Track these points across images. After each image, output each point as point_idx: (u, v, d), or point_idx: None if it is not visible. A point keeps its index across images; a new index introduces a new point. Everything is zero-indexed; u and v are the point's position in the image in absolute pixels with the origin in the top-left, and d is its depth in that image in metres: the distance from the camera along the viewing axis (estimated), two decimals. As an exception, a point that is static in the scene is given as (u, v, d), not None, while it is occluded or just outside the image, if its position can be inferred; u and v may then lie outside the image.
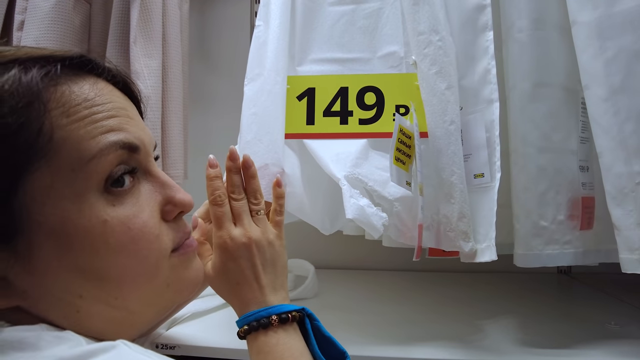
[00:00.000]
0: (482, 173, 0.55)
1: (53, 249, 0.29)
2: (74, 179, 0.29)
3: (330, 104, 0.59)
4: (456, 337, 0.58)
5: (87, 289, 0.31)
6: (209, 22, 1.08)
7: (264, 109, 0.56)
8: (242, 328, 0.41)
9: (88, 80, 0.32)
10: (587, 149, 0.58)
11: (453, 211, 0.52)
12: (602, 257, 0.59)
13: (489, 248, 0.52)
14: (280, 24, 0.59)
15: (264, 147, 0.53)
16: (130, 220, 0.32)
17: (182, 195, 0.36)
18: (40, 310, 0.30)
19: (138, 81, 0.79)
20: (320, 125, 0.59)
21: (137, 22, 0.80)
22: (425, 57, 0.54)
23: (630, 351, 0.53)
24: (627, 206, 0.48)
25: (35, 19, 0.79)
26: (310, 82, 0.60)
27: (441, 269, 0.95)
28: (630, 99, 0.48)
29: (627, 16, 0.49)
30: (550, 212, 0.55)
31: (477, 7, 0.56)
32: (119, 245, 0.31)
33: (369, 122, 0.58)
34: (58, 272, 0.30)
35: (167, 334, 0.59)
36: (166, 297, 0.36)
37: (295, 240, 1.06)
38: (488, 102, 0.55)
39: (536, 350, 0.54)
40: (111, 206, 0.31)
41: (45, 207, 0.29)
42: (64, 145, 0.29)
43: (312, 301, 0.76)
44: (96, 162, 0.30)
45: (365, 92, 0.59)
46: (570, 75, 0.56)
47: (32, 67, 0.30)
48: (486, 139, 0.54)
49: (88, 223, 0.30)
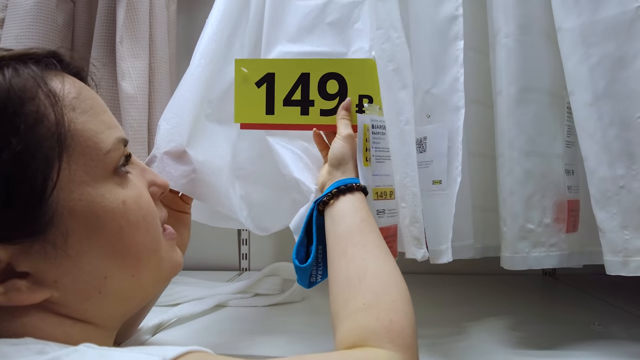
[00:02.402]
0: (439, 180, 0.56)
1: (85, 233, 0.31)
2: (93, 167, 0.32)
3: (291, 92, 0.56)
4: (442, 339, 0.59)
5: (111, 269, 0.33)
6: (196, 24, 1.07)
7: (183, 91, 0.56)
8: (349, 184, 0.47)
9: (64, 76, 0.34)
10: (573, 152, 0.59)
11: (405, 215, 0.52)
12: (587, 259, 0.60)
13: (447, 250, 0.53)
14: (224, 10, 0.59)
15: (169, 128, 0.53)
16: (139, 200, 0.35)
17: (161, 178, 0.41)
18: (67, 297, 0.31)
19: (124, 81, 0.78)
20: (280, 115, 0.56)
21: (124, 22, 0.78)
22: (384, 53, 0.53)
23: (614, 352, 0.54)
24: (611, 209, 0.49)
25: (16, 17, 0.78)
26: (269, 66, 0.57)
27: (425, 271, 0.95)
28: (614, 105, 0.49)
29: (610, 23, 0.50)
30: (536, 215, 0.55)
31: (449, 18, 0.57)
32: (136, 222, 0.34)
33: (330, 113, 0.55)
34: (89, 255, 0.32)
35: (152, 340, 0.58)
36: (162, 273, 0.38)
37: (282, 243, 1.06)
38: (455, 110, 0.56)
39: (522, 351, 0.55)
40: (122, 189, 0.34)
41: (73, 194, 0.31)
42: (81, 136, 0.32)
43: (299, 305, 0.76)
44: (111, 155, 0.33)
45: (328, 79, 0.55)
46: (556, 80, 0.57)
47: (27, 62, 0.31)
48: (448, 148, 0.55)
49: (112, 204, 0.33)
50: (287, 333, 0.62)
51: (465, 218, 0.61)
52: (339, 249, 0.43)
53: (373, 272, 0.40)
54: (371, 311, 0.37)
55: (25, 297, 0.30)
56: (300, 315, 0.71)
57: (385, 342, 0.35)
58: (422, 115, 0.58)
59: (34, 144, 0.29)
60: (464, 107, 0.55)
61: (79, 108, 0.32)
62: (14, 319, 0.30)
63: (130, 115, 0.78)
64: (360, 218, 0.44)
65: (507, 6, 0.57)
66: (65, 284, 0.31)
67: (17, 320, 0.30)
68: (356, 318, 0.37)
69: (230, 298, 0.75)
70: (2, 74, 0.30)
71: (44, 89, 0.31)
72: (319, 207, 0.47)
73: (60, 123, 0.30)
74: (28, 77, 0.30)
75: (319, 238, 0.47)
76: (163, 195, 0.41)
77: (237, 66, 0.57)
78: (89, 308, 0.33)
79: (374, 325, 0.36)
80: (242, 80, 0.57)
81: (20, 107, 0.29)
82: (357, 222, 0.44)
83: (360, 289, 0.39)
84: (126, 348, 0.29)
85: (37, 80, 0.31)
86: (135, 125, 0.79)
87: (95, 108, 0.34)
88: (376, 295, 0.38)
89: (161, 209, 0.41)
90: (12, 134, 0.28)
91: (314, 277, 0.48)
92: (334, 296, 0.41)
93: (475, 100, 0.62)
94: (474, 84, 0.61)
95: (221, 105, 0.60)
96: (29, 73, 0.31)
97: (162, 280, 0.40)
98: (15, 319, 0.30)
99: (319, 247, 0.47)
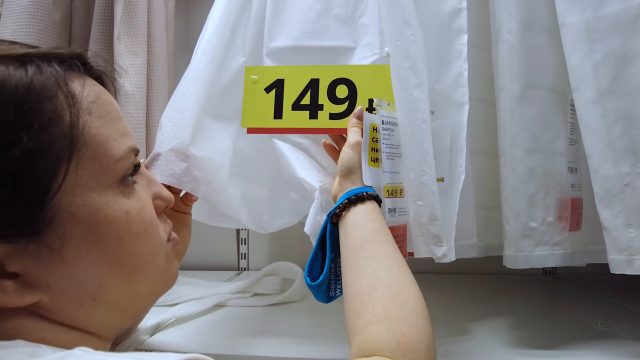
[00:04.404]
0: (442, 178, 0.55)
1: (84, 239, 0.31)
2: (101, 174, 0.32)
3: (300, 96, 0.56)
4: (442, 338, 0.58)
5: (108, 277, 0.32)
6: (194, 21, 1.07)
7: (185, 88, 0.55)
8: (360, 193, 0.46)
9: (85, 78, 0.33)
10: (576, 150, 0.59)
11: (422, 214, 0.51)
12: (590, 258, 0.60)
13: (450, 249, 0.52)
14: (226, 5, 0.59)
15: (172, 125, 0.52)
16: (142, 211, 0.35)
17: (167, 192, 0.40)
18: (59, 303, 0.31)
19: (122, 78, 0.77)
20: (288, 119, 0.56)
21: (121, 18, 0.78)
22: (398, 50, 0.53)
23: (618, 351, 0.53)
24: (616, 207, 0.49)
25: (12, 13, 0.77)
26: (279, 73, 0.57)
27: (424, 270, 0.95)
28: (618, 101, 0.49)
29: (614, 19, 0.49)
30: (539, 214, 0.55)
31: (453, 11, 0.56)
32: (137, 233, 0.34)
33: (339, 116, 0.55)
34: (85, 261, 0.31)
35: (150, 340, 0.57)
36: (158, 285, 0.38)
37: (281, 242, 1.05)
38: (459, 106, 0.55)
39: (524, 351, 0.54)
40: (127, 199, 0.34)
41: (77, 198, 0.30)
42: (93, 141, 0.31)
43: (300, 304, 0.75)
44: (122, 163, 0.33)
45: (337, 84, 0.56)
46: (559, 77, 0.57)
47: (51, 61, 0.31)
48: (450, 144, 0.54)
49: (115, 213, 0.32)
50: (286, 333, 0.61)
51: (469, 216, 0.60)
52: (351, 262, 0.42)
53: (385, 284, 0.39)
54: (381, 323, 0.36)
55: (11, 299, 0.29)
56: (300, 315, 0.71)
57: (397, 355, 0.33)
58: None
59: (45, 143, 0.28)
60: (468, 103, 0.54)
61: (96, 112, 0.32)
62: (3, 321, 0.29)
63: (128, 112, 0.78)
64: (373, 228, 0.43)
65: (510, 2, 0.56)
66: (58, 289, 0.30)
67: (6, 322, 0.29)
68: (366, 331, 0.36)
69: (229, 298, 0.74)
70: (25, 70, 0.29)
71: (63, 90, 0.30)
72: (332, 220, 0.47)
73: (74, 125, 0.30)
74: (50, 76, 0.30)
75: (334, 251, 0.47)
76: (167, 209, 0.41)
77: (246, 73, 0.58)
78: (82, 316, 0.32)
79: (384, 336, 0.35)
80: (251, 87, 0.57)
81: (37, 105, 0.29)
82: (370, 232, 0.43)
83: (371, 302, 0.38)
84: (124, 354, 0.28)
85: (58, 80, 0.31)
86: (133, 123, 0.78)
87: (112, 114, 0.34)
88: (387, 308, 0.37)
89: (166, 222, 0.40)
90: (25, 131, 0.28)
91: (332, 292, 0.48)
92: (347, 311, 0.40)
93: (477, 98, 0.61)
94: (475, 81, 0.60)
95: (221, 101, 0.60)
96: (51, 72, 0.30)
97: (157, 292, 0.39)
98: (4, 321, 0.29)
99: (337, 260, 0.47)
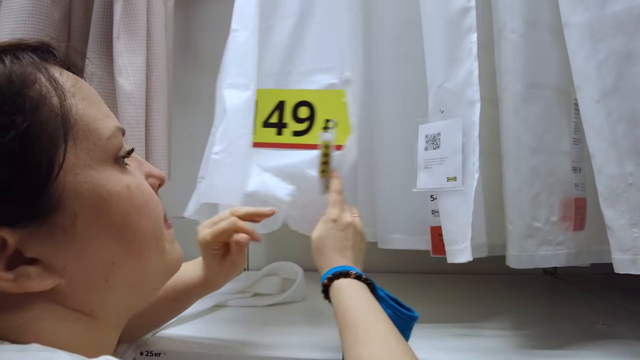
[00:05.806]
0: (454, 177, 0.55)
1: (92, 216, 0.31)
2: (96, 152, 0.32)
3: (269, 116, 0.66)
4: (442, 338, 0.58)
5: (119, 255, 0.33)
6: (194, 21, 1.06)
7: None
8: (330, 275, 0.50)
9: (59, 65, 0.34)
10: (580, 150, 0.59)
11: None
12: (594, 258, 0.60)
13: (466, 249, 0.52)
14: (252, 34, 0.63)
15: None
16: (141, 186, 0.35)
17: (157, 170, 0.41)
18: (74, 286, 0.31)
19: (121, 77, 0.76)
20: (259, 135, 0.65)
21: (121, 17, 0.77)
22: None
23: (620, 351, 0.53)
24: (620, 207, 0.49)
25: (10, 11, 0.76)
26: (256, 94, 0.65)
27: (427, 270, 0.95)
28: (622, 101, 0.49)
29: (618, 18, 0.49)
30: (543, 213, 0.55)
31: (461, 10, 0.56)
32: (140, 207, 0.34)
33: (301, 134, 0.64)
34: (96, 239, 0.32)
35: (152, 340, 0.56)
36: (165, 262, 0.38)
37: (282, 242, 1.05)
38: (470, 104, 0.55)
39: (526, 351, 0.54)
40: (124, 175, 0.34)
41: (78, 177, 0.31)
42: (82, 121, 0.32)
43: (299, 305, 0.75)
44: (112, 141, 0.33)
45: (300, 106, 0.65)
46: (563, 76, 0.57)
47: (25, 50, 0.31)
48: (462, 143, 0.54)
49: (116, 188, 0.33)
50: (287, 333, 0.61)
51: (479, 216, 0.60)
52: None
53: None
54: None
55: (35, 284, 0.29)
56: (300, 315, 0.70)
57: None
58: (435, 110, 0.57)
59: (39, 123, 0.29)
60: (479, 101, 0.54)
61: (78, 94, 0.32)
62: (19, 312, 0.30)
63: (127, 111, 0.77)
64: (344, 308, 0.45)
65: (514, 1, 0.56)
66: (73, 271, 0.31)
67: (22, 315, 0.30)
68: None
69: (229, 298, 0.74)
70: (2, 61, 0.30)
71: (44, 74, 0.31)
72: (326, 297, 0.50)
73: (63, 105, 0.30)
74: (28, 62, 0.31)
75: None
76: (160, 187, 0.41)
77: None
78: (94, 298, 0.33)
79: None
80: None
81: (23, 89, 0.29)
82: (341, 315, 0.45)
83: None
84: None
85: (37, 66, 0.31)
86: (132, 122, 0.78)
87: (92, 97, 0.34)
88: None
89: (160, 201, 0.41)
90: (18, 113, 0.28)
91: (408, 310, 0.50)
92: None
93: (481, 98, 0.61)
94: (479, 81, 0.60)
95: None
96: (29, 60, 0.31)
97: (165, 272, 0.39)
98: (20, 313, 0.30)
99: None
